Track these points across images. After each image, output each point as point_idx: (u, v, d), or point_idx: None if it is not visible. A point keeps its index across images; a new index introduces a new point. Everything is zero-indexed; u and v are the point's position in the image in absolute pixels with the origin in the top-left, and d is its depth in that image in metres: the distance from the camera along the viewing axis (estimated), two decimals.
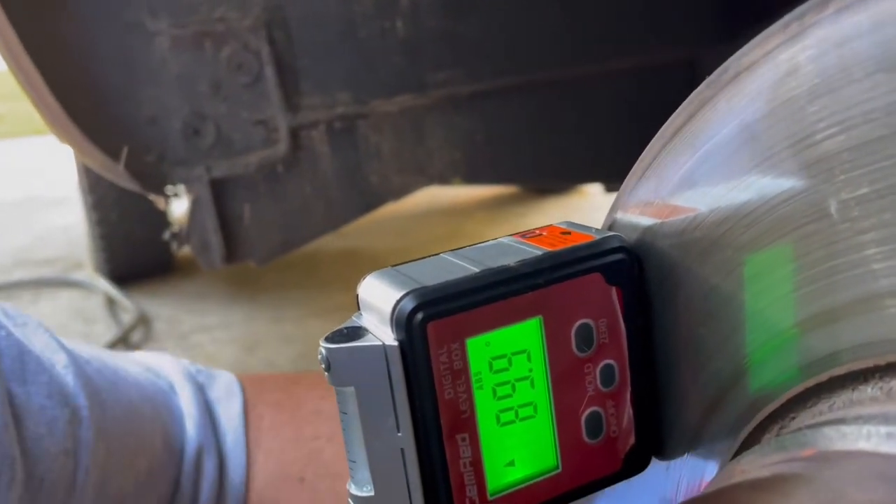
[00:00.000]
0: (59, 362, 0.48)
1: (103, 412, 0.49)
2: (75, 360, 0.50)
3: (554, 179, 1.09)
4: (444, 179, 0.92)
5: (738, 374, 0.30)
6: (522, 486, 0.31)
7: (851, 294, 0.24)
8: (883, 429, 0.19)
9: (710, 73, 0.30)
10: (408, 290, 0.28)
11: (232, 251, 0.86)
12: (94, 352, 0.55)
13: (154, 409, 0.55)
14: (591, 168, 0.98)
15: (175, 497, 0.55)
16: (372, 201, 0.90)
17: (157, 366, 0.60)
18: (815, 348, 0.25)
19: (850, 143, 0.23)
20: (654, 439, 0.34)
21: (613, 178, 1.02)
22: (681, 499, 0.34)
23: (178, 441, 0.56)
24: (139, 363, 0.60)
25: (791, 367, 0.27)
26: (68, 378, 0.48)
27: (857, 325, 0.24)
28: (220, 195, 0.85)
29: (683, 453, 0.33)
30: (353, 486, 0.30)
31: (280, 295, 2.09)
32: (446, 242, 1.48)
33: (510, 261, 0.30)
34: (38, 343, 0.48)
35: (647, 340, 0.33)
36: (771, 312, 0.28)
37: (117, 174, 0.83)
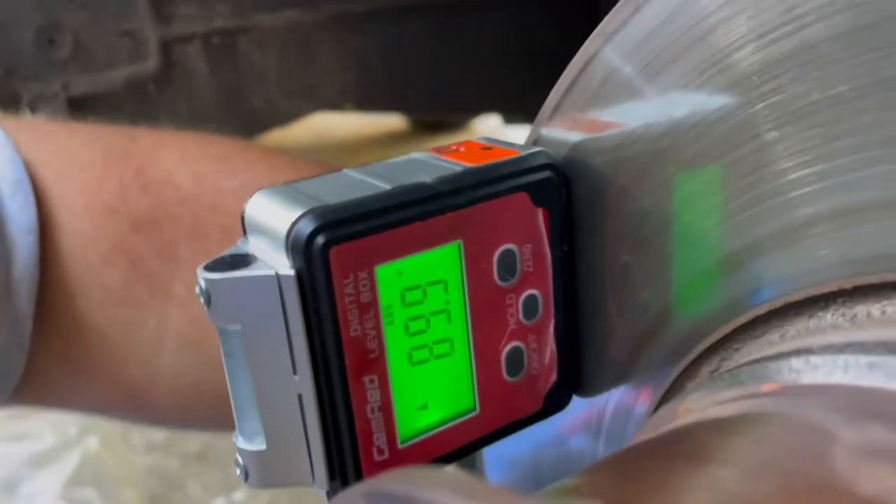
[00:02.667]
0: None
1: None
2: None
3: (453, 110, 1.04)
4: (334, 105, 0.85)
5: (671, 305, 0.27)
6: (437, 430, 0.27)
7: (808, 211, 0.21)
8: (863, 359, 0.17)
9: None
10: (306, 210, 0.24)
11: None
12: None
13: None
14: (491, 98, 0.94)
15: None
16: (255, 127, 0.82)
17: None
18: (769, 268, 0.23)
19: (786, 50, 0.20)
20: (576, 375, 0.31)
21: (513, 109, 0.99)
22: (604, 432, 0.32)
23: None
24: None
25: (732, 293, 0.25)
26: None
27: (812, 244, 0.21)
28: (81, 115, 0.75)
29: (608, 389, 0.30)
30: (240, 438, 0.26)
31: None
32: None
33: (426, 177, 0.26)
34: None
35: (571, 269, 0.30)
36: (702, 240, 0.25)
37: None
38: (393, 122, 1.88)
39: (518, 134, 0.31)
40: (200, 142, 0.50)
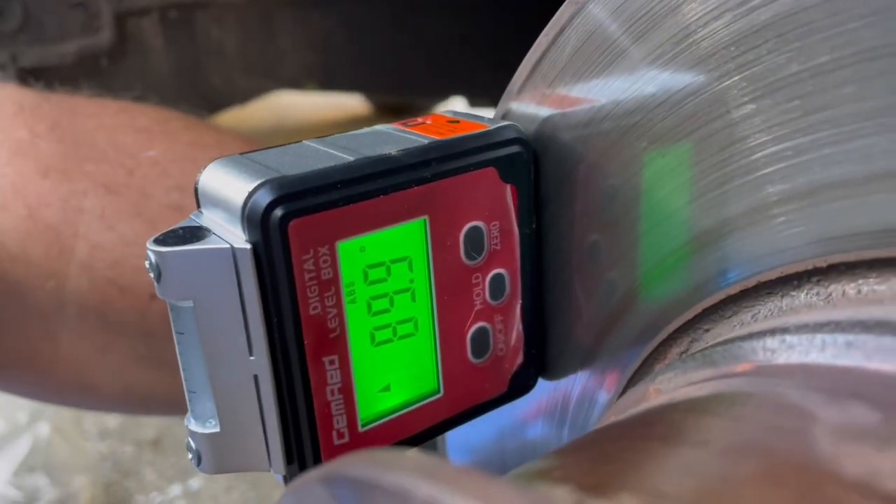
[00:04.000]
0: None
1: None
2: None
3: (417, 91, 1.02)
4: (296, 83, 0.83)
5: (639, 285, 0.27)
6: (399, 413, 0.27)
7: (781, 187, 0.21)
8: (840, 337, 0.17)
9: None
10: (263, 180, 0.23)
11: None
12: None
13: None
14: (456, 80, 0.93)
15: None
16: (213, 104, 0.80)
17: None
18: (737, 249, 0.23)
19: (764, 19, 0.19)
20: (542, 357, 0.30)
21: (479, 91, 0.97)
22: (569, 420, 0.31)
23: None
24: None
25: (702, 273, 0.24)
26: None
27: (792, 220, 0.21)
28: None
29: (574, 372, 0.30)
30: (192, 420, 0.25)
31: None
32: None
33: (391, 149, 0.25)
34: None
35: (539, 248, 0.29)
36: (672, 218, 0.25)
37: None
38: (356, 104, 1.86)
39: (485, 115, 0.30)
40: (120, 110, 0.46)
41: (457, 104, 1.07)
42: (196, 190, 0.25)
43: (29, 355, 0.42)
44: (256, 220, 0.22)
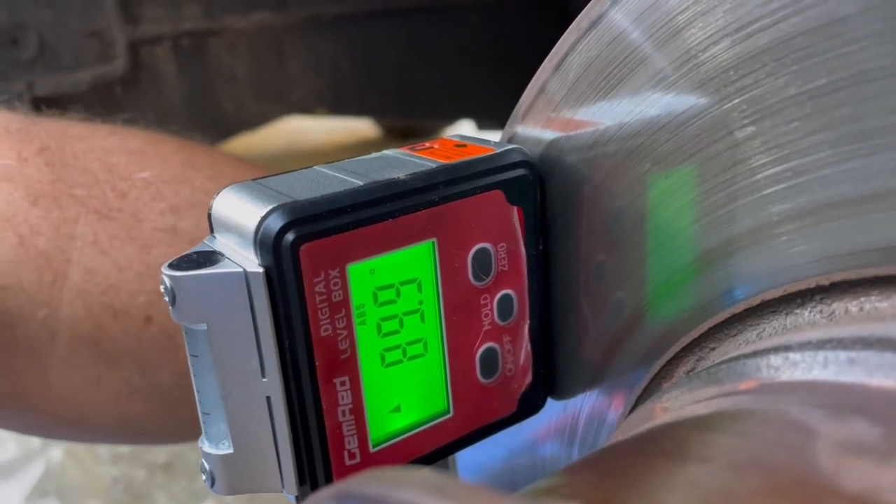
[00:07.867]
0: None
1: None
2: None
3: (425, 115, 1.03)
4: (306, 109, 0.84)
5: (645, 305, 0.27)
6: (409, 433, 0.27)
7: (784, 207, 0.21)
8: (842, 354, 0.17)
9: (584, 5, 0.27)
10: (275, 206, 0.23)
11: None
12: None
13: None
14: (464, 103, 0.94)
15: None
16: (225, 130, 0.81)
17: None
18: (745, 266, 0.23)
19: (763, 44, 0.20)
20: (551, 377, 0.31)
21: (487, 114, 0.98)
22: (578, 439, 0.31)
23: None
24: None
25: (707, 292, 0.25)
26: None
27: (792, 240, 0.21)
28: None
29: (583, 391, 0.30)
30: (206, 442, 0.25)
31: None
32: None
33: (399, 174, 0.25)
34: None
35: (545, 269, 0.29)
36: (677, 238, 0.25)
37: None
38: (365, 128, 1.87)
39: (492, 138, 0.30)
40: (111, 133, 0.45)
41: (465, 127, 1.08)
42: (209, 215, 0.26)
43: (18, 389, 0.41)
44: (269, 245, 0.23)
